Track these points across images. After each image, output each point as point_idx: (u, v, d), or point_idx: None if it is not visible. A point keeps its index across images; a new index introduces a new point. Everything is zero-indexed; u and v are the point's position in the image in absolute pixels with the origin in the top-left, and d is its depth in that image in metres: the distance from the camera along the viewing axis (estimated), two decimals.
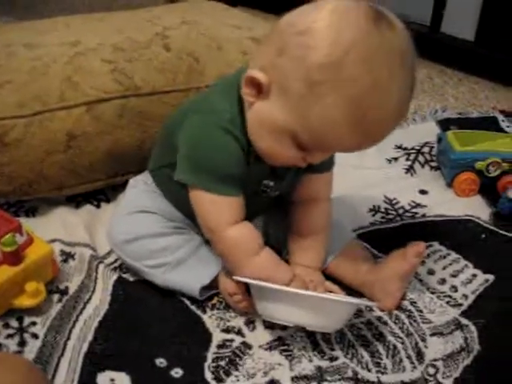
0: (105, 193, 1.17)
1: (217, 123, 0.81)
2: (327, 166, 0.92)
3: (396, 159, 1.36)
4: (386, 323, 0.90)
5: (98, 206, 1.14)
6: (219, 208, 0.84)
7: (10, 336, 0.84)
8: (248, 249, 0.85)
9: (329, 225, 0.95)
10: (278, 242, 0.98)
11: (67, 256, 0.98)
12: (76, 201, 1.13)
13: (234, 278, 0.86)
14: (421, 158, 1.35)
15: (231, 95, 0.83)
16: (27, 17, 1.98)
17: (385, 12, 0.72)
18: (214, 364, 0.82)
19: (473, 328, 0.89)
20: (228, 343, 0.85)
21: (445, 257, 1.05)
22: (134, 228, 0.94)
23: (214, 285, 0.92)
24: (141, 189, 1.00)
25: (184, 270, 0.91)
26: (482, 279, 1.00)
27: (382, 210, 1.18)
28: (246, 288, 0.87)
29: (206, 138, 0.82)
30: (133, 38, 1.17)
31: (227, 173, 0.82)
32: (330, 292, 0.91)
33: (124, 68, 1.10)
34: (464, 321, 0.91)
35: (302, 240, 0.95)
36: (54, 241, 1.01)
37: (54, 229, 1.05)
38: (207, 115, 0.83)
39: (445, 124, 1.48)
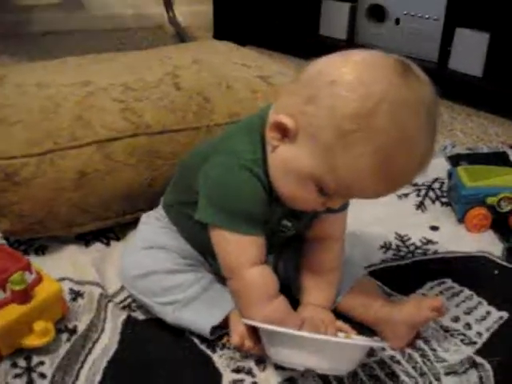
0: (114, 231, 1.17)
1: (240, 163, 0.81)
2: (344, 205, 0.91)
3: (406, 195, 1.35)
4: (398, 362, 0.88)
5: (107, 244, 1.14)
6: (242, 247, 0.83)
7: (17, 376, 0.83)
8: (265, 292, 0.84)
9: (341, 264, 0.95)
10: (288, 278, 0.97)
11: (76, 295, 0.98)
12: (85, 239, 1.13)
13: (244, 321, 0.85)
14: (431, 194, 1.35)
15: (253, 136, 0.84)
16: (38, 56, 2.03)
17: (411, 64, 0.75)
18: None
19: (488, 366, 0.87)
20: (239, 383, 0.84)
21: (458, 294, 1.03)
22: (146, 263, 0.94)
23: (224, 324, 0.90)
24: (153, 225, 1.00)
25: (194, 309, 0.90)
26: (497, 316, 0.98)
27: (394, 246, 1.17)
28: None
29: (229, 178, 0.82)
30: (143, 78, 1.19)
31: (251, 212, 0.82)
32: (341, 331, 0.89)
33: (134, 107, 1.11)
34: (479, 359, 0.89)
35: (314, 278, 0.94)
36: (63, 279, 1.00)
37: (63, 267, 1.04)
38: (230, 156, 0.83)
39: (455, 159, 1.48)
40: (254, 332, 0.86)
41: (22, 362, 0.85)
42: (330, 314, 0.92)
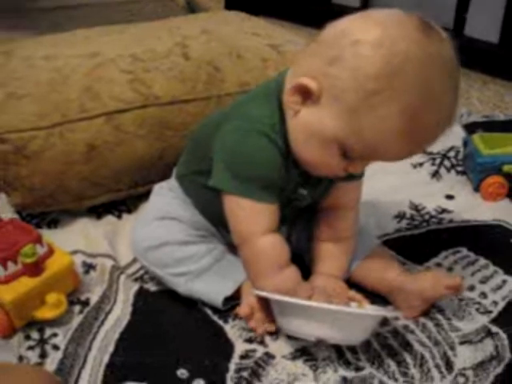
0: (126, 203, 1.16)
1: (257, 129, 0.80)
2: (359, 174, 0.90)
3: (421, 164, 1.33)
4: (412, 332, 0.87)
5: (119, 217, 1.13)
6: (255, 215, 0.82)
7: (31, 348, 0.83)
8: (276, 261, 0.84)
9: (355, 233, 0.94)
10: (301, 249, 0.96)
11: (88, 267, 0.98)
12: (97, 212, 1.13)
13: (254, 291, 0.84)
14: (446, 163, 1.33)
15: (271, 102, 0.82)
16: (48, 30, 2.01)
17: (431, 22, 0.74)
18: (237, 375, 0.80)
19: (503, 335, 0.86)
20: (251, 353, 0.84)
21: (473, 263, 1.02)
22: (158, 235, 0.93)
23: (236, 295, 0.90)
24: (166, 195, 1.00)
25: (207, 280, 0.90)
26: None
27: (408, 216, 1.15)
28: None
29: (245, 144, 0.81)
30: (152, 48, 1.17)
31: (267, 179, 0.81)
32: (354, 301, 0.89)
33: (143, 78, 1.10)
34: (494, 328, 0.88)
35: (327, 247, 0.93)
36: (75, 252, 1.00)
37: (75, 240, 1.04)
38: (247, 121, 0.82)
39: (471, 128, 1.45)
40: (264, 303, 0.85)
41: (35, 334, 0.86)
42: (343, 283, 0.91)
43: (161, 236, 0.93)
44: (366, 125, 0.73)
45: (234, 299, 0.90)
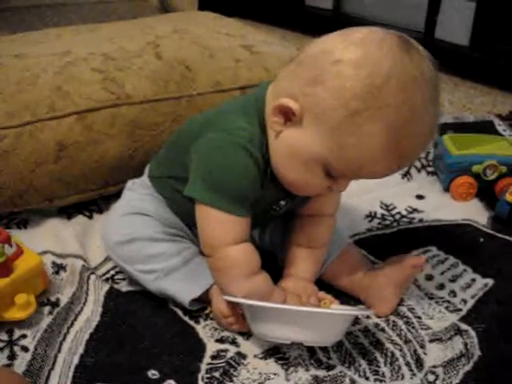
0: (97, 203, 1.15)
1: (235, 141, 0.79)
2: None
3: None
4: (383, 330, 0.88)
5: (90, 217, 1.12)
6: (226, 227, 0.81)
7: None
8: (246, 270, 0.83)
9: (330, 239, 0.94)
10: (274, 248, 0.97)
11: (58, 268, 0.97)
12: (68, 212, 1.12)
13: (225, 297, 0.83)
14: (417, 164, 1.34)
15: (250, 115, 0.82)
16: (20, 30, 1.99)
17: (410, 40, 0.74)
18: (208, 375, 0.80)
19: (473, 333, 0.87)
20: (222, 353, 0.83)
21: (443, 262, 1.03)
22: (129, 230, 0.92)
23: (204, 297, 0.89)
24: (138, 191, 0.99)
25: (176, 280, 0.89)
26: (481, 284, 0.98)
27: (379, 215, 1.17)
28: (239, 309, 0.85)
29: (222, 157, 0.80)
30: (124, 47, 1.17)
31: (242, 193, 0.81)
32: (325, 303, 0.89)
33: (115, 77, 1.09)
34: (463, 326, 0.89)
35: (301, 252, 0.93)
36: (45, 252, 0.99)
37: (45, 240, 1.03)
38: (225, 133, 0.81)
39: (441, 129, 1.47)
40: (235, 308, 0.85)
41: (3, 336, 0.84)
42: (313, 286, 0.92)
43: (131, 231, 0.92)
44: (350, 144, 0.73)
45: (202, 301, 0.90)
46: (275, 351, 0.84)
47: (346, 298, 0.93)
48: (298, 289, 0.89)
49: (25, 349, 0.82)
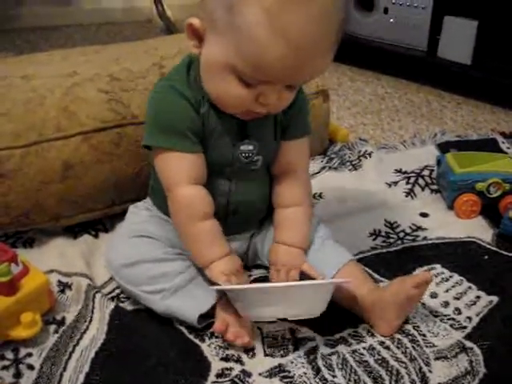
0: (103, 222, 1.16)
1: (165, 85, 0.88)
2: (301, 131, 0.96)
3: (396, 183, 1.35)
4: (388, 348, 0.88)
5: (95, 236, 1.13)
6: (177, 164, 0.87)
7: (5, 367, 0.83)
8: (194, 212, 0.88)
9: (310, 197, 0.99)
10: (262, 256, 1.01)
11: (64, 286, 0.97)
12: (74, 231, 1.13)
13: (210, 287, 0.86)
14: (421, 182, 1.34)
15: (181, 65, 0.91)
16: (26, 51, 2.02)
17: None
18: None
19: (478, 351, 0.87)
20: (227, 372, 0.83)
21: (447, 279, 1.03)
22: (134, 252, 0.93)
23: (212, 313, 0.90)
24: (141, 214, 1.01)
25: (182, 297, 0.90)
26: (486, 301, 0.98)
27: (383, 233, 1.17)
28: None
29: (155, 99, 0.89)
30: (129, 68, 1.18)
31: (178, 126, 0.86)
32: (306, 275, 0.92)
33: (121, 97, 1.11)
34: (468, 344, 0.89)
35: (283, 213, 0.97)
36: (51, 271, 0.99)
37: (51, 259, 1.03)
38: (162, 81, 0.91)
39: (444, 147, 1.48)
40: (238, 318, 0.86)
41: (9, 354, 0.85)
42: (302, 254, 0.95)
43: (136, 254, 0.93)
44: (240, 37, 0.75)
45: (209, 316, 0.90)
46: (280, 369, 0.84)
47: (348, 315, 0.93)
48: (282, 260, 0.93)
49: (30, 367, 0.83)
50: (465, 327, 0.93)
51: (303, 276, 0.92)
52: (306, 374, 0.83)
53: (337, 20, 0.78)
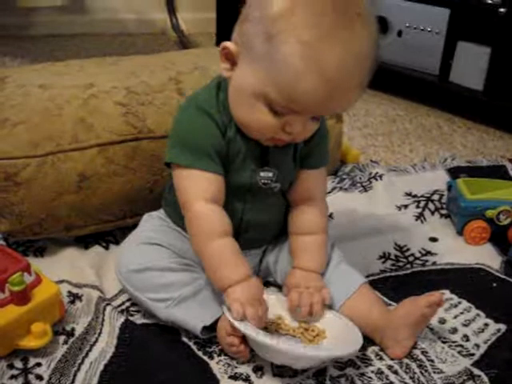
0: (114, 234, 1.16)
1: (193, 105, 0.88)
2: (320, 161, 0.98)
3: (406, 206, 1.35)
4: (396, 372, 0.88)
5: (106, 248, 1.14)
6: (196, 182, 0.87)
7: (14, 377, 0.83)
8: (212, 229, 0.87)
9: (326, 226, 0.99)
10: (274, 272, 1.02)
11: (74, 297, 0.97)
12: (85, 242, 1.13)
13: (225, 312, 0.85)
14: (431, 206, 1.35)
15: (210, 86, 0.91)
16: (40, 59, 2.03)
17: None
18: None
19: (485, 378, 0.87)
20: None
21: (456, 306, 1.03)
22: (143, 259, 0.94)
23: (216, 326, 0.90)
24: (154, 222, 1.01)
25: (187, 308, 0.90)
26: (494, 329, 0.98)
27: (393, 257, 1.17)
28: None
29: (182, 118, 0.90)
30: (146, 82, 1.19)
31: (204, 146, 0.86)
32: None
33: (137, 111, 1.11)
34: (476, 371, 0.89)
35: (301, 240, 0.97)
36: (61, 281, 1.00)
37: (61, 269, 1.04)
38: (189, 101, 0.91)
39: (454, 172, 1.48)
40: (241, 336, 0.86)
41: (18, 363, 0.85)
42: (320, 279, 0.95)
43: (145, 260, 0.94)
44: (276, 68, 0.76)
45: (213, 330, 0.90)
46: None
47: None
48: (302, 283, 0.93)
49: (39, 377, 0.83)
50: (473, 354, 0.92)
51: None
52: None
53: (372, 57, 0.79)
